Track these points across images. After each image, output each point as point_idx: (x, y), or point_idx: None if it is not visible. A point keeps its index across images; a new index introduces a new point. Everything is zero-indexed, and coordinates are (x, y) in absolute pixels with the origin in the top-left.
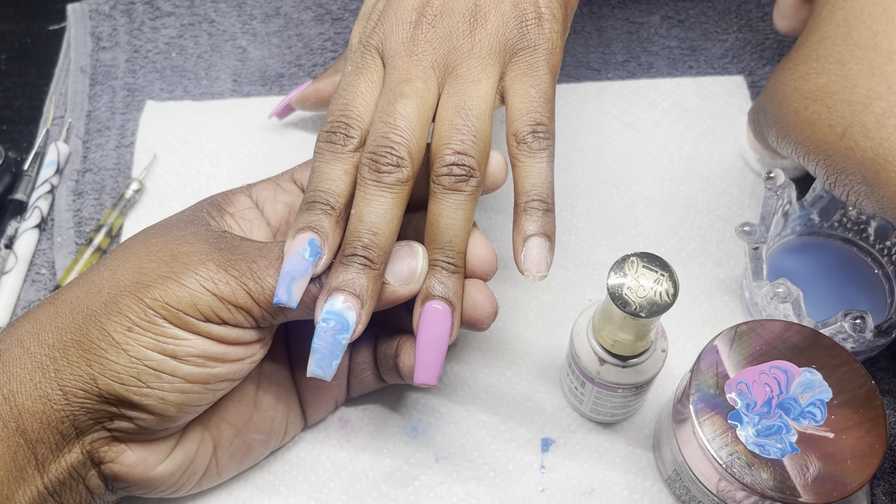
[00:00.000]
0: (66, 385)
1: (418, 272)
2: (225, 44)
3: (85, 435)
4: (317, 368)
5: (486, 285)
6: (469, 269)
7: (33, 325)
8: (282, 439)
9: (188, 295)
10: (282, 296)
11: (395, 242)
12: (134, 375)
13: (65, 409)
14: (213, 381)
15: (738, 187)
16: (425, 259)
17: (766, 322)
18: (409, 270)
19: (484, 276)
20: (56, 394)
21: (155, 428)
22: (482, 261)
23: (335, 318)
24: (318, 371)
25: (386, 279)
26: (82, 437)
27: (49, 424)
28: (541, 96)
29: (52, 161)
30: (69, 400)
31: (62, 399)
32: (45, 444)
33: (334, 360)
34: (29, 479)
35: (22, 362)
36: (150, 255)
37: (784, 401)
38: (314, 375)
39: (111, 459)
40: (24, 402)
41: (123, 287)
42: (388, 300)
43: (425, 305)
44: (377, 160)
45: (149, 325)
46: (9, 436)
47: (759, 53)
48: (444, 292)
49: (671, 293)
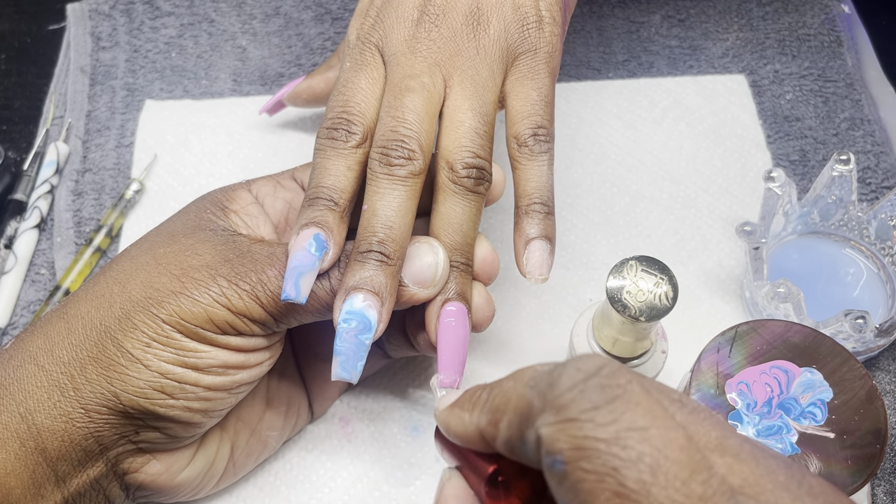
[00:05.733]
0: (87, 403)
1: (439, 272)
2: (225, 43)
3: (110, 450)
4: (342, 371)
5: (485, 288)
6: (475, 273)
7: (45, 342)
8: (292, 431)
9: (202, 311)
10: (290, 291)
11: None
12: (158, 389)
13: (88, 427)
14: (235, 387)
15: (738, 187)
16: (446, 258)
17: (766, 322)
18: (428, 269)
19: (487, 280)
20: (78, 412)
21: (182, 435)
22: (488, 264)
23: (356, 317)
24: (343, 374)
25: (403, 280)
26: (107, 452)
27: (72, 443)
28: (541, 99)
29: (52, 161)
30: (92, 418)
31: (84, 417)
32: (67, 461)
33: (359, 361)
34: (47, 496)
35: (37, 380)
36: (159, 267)
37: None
38: (339, 379)
39: (136, 470)
40: (44, 420)
41: (136, 302)
42: (406, 302)
43: (445, 307)
44: (388, 154)
45: (167, 339)
46: (27, 454)
47: (759, 52)
48: (463, 293)
49: (671, 296)
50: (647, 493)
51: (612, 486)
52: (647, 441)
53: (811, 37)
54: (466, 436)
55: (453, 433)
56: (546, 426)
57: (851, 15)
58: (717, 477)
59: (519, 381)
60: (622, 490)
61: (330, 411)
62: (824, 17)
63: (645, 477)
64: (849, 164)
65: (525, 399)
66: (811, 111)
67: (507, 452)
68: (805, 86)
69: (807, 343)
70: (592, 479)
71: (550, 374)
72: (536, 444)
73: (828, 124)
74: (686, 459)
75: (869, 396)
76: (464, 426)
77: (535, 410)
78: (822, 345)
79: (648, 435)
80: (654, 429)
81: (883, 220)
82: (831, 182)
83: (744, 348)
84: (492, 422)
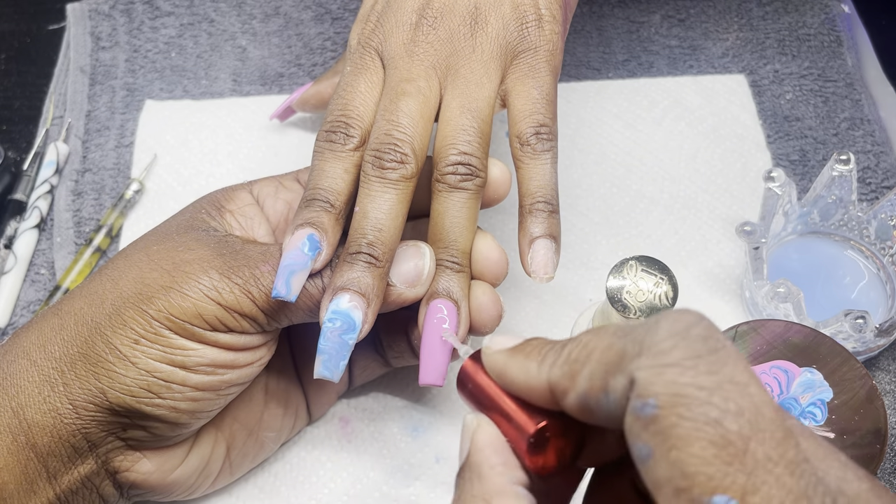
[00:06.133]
0: (75, 399)
1: (425, 273)
2: (225, 43)
3: (98, 447)
4: (324, 370)
5: (493, 289)
6: (479, 272)
7: (39, 337)
8: (290, 433)
9: (192, 305)
10: (280, 289)
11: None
12: (144, 387)
13: (76, 423)
14: (224, 388)
15: (738, 186)
16: (432, 260)
17: (766, 322)
18: (415, 271)
19: (494, 280)
20: (66, 408)
21: (168, 435)
22: (494, 264)
23: (341, 317)
24: (325, 373)
25: (391, 281)
26: (96, 449)
27: (60, 438)
28: (543, 97)
29: (52, 161)
30: (80, 414)
31: (73, 413)
32: (57, 458)
33: (341, 360)
34: (40, 492)
35: (29, 375)
36: (151, 263)
37: (784, 401)
38: (321, 377)
39: (127, 468)
40: (34, 416)
41: (126, 299)
42: (393, 302)
43: (430, 304)
44: (381, 157)
45: (155, 336)
46: (19, 449)
47: (759, 52)
48: (449, 291)
49: (671, 297)
50: (746, 447)
51: (709, 436)
52: (748, 397)
53: (811, 37)
54: (529, 387)
55: (511, 381)
56: (643, 369)
57: (851, 15)
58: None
59: (603, 333)
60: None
61: (330, 411)
62: (824, 16)
63: (745, 431)
64: (849, 163)
65: (615, 347)
66: (811, 111)
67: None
68: (805, 86)
69: (807, 343)
70: (689, 425)
71: (647, 323)
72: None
73: (828, 124)
74: (780, 422)
75: (869, 396)
76: (528, 376)
77: (627, 356)
78: (822, 345)
79: (749, 392)
80: (753, 387)
81: (883, 219)
82: (831, 182)
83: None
84: (568, 374)
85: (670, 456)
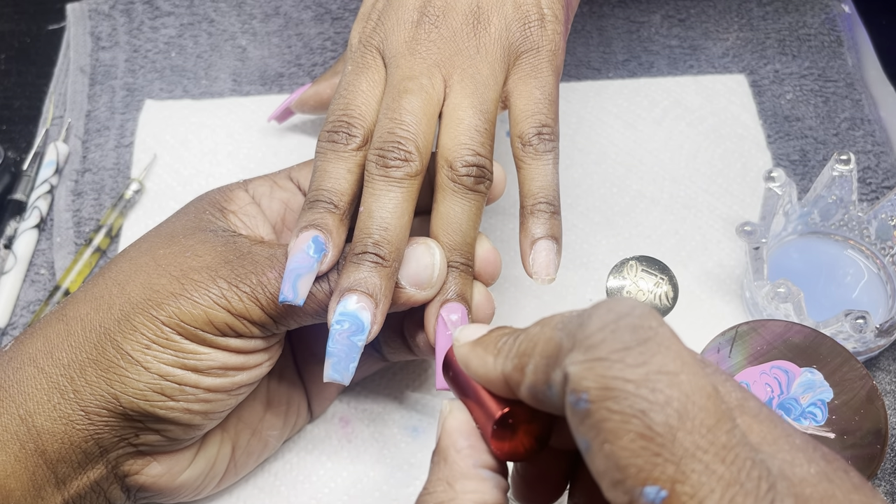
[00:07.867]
0: (87, 406)
1: (436, 275)
2: (224, 43)
3: (110, 452)
4: (334, 373)
5: (486, 287)
6: (477, 273)
7: (45, 344)
8: (292, 431)
9: (202, 312)
10: (287, 293)
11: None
12: (157, 391)
13: (88, 429)
14: (235, 388)
15: (738, 187)
16: (443, 259)
17: (766, 322)
18: (425, 272)
19: (489, 281)
20: (78, 415)
21: (182, 437)
22: (490, 264)
23: (349, 319)
24: (335, 376)
25: (401, 281)
26: (107, 454)
27: (72, 445)
28: (545, 98)
29: (52, 161)
30: (92, 420)
31: (85, 419)
32: (67, 464)
33: (351, 363)
34: (48, 498)
35: (37, 382)
36: (159, 269)
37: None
38: (331, 380)
39: (136, 472)
40: (44, 423)
41: (135, 304)
42: (403, 304)
43: (444, 308)
44: (384, 155)
45: (167, 341)
46: (27, 456)
47: (759, 52)
48: (462, 294)
49: (671, 297)
50: (673, 438)
51: (636, 428)
52: (676, 385)
53: (811, 37)
54: (488, 378)
55: (473, 372)
56: (574, 364)
57: (851, 15)
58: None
59: (546, 325)
60: (647, 433)
61: (330, 411)
62: (824, 16)
63: (672, 421)
64: (849, 163)
65: (553, 341)
66: (811, 111)
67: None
68: (805, 86)
69: (807, 343)
70: (617, 419)
71: (581, 315)
72: (562, 385)
73: (828, 124)
74: (713, 408)
75: (869, 396)
76: (486, 369)
77: (563, 351)
78: (822, 345)
79: (678, 380)
80: (684, 374)
81: (883, 220)
82: (831, 182)
83: (744, 348)
84: (517, 367)
85: (604, 449)
